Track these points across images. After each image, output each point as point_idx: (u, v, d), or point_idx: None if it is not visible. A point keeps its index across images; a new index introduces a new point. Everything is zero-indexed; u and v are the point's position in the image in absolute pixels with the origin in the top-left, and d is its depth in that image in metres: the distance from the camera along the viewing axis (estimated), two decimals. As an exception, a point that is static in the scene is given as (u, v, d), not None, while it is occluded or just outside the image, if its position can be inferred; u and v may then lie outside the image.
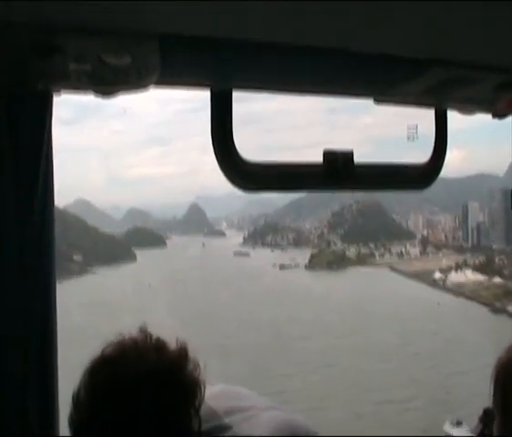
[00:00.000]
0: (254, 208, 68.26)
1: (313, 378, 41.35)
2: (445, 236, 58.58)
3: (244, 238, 63.90)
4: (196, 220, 64.74)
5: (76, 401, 1.97)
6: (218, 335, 45.86)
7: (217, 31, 2.24)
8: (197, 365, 2.01)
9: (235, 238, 65.42)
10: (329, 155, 2.89)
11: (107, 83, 2.40)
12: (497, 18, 2.27)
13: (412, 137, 3.13)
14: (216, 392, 2.40)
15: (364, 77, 2.82)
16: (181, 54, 2.39)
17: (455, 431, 28.05)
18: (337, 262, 59.08)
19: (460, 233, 57.60)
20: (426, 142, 3.19)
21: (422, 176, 3.18)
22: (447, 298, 52.22)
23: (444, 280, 54.94)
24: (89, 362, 1.99)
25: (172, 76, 2.61)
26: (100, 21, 2.07)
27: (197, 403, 2.00)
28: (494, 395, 2.65)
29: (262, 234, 63.69)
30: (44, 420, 2.50)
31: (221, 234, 66.73)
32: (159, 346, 1.98)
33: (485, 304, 51.22)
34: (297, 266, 59.39)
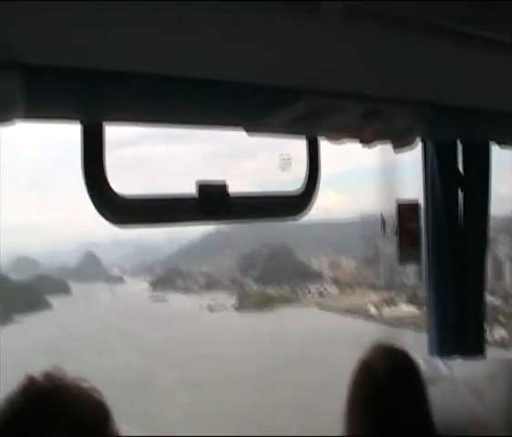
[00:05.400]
0: (143, 255, 67.79)
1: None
2: (352, 275, 60.05)
3: (152, 284, 62.93)
4: (90, 268, 63.39)
5: None
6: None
7: (83, 62, 2.31)
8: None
9: (137, 285, 64.18)
10: (203, 187, 3.04)
11: (-32, 116, 2.35)
12: (361, 48, 2.50)
13: (285, 166, 3.34)
14: None
15: (234, 107, 2.96)
16: (47, 85, 2.40)
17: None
18: (265, 303, 59.48)
19: (365, 272, 59.10)
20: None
21: (296, 204, 3.38)
22: (393, 331, 53.41)
23: (380, 314, 56.28)
24: None
25: (40, 108, 2.61)
26: None
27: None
28: (352, 395, 2.92)
29: (171, 279, 63.05)
30: None
31: (121, 281, 65.40)
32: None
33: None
34: (225, 308, 59.40)
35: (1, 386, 2.05)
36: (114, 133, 2.91)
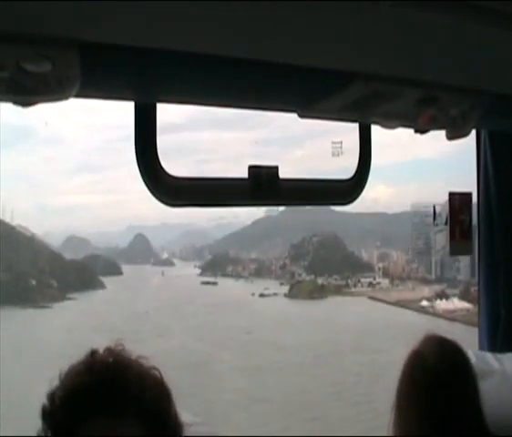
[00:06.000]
0: (191, 239, 67.91)
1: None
2: (403, 268, 59.54)
3: (202, 268, 63.34)
4: (141, 250, 63.97)
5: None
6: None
7: (139, 41, 2.32)
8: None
9: (187, 268, 64.51)
10: (254, 170, 3.07)
11: (26, 92, 2.40)
12: (419, 33, 2.47)
13: (337, 153, 3.34)
14: None
15: (288, 91, 2.97)
16: (104, 64, 2.45)
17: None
18: (317, 292, 59.43)
19: (414, 265, 58.65)
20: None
21: (347, 191, 3.38)
22: (446, 323, 52.99)
23: (433, 307, 55.82)
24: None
25: (95, 86, 2.66)
26: (18, 27, 2.08)
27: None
28: (402, 384, 2.93)
29: (221, 264, 63.28)
30: None
31: (170, 264, 65.84)
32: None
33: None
34: (276, 295, 59.50)
35: (63, 359, 2.11)
36: (163, 117, 2.95)
